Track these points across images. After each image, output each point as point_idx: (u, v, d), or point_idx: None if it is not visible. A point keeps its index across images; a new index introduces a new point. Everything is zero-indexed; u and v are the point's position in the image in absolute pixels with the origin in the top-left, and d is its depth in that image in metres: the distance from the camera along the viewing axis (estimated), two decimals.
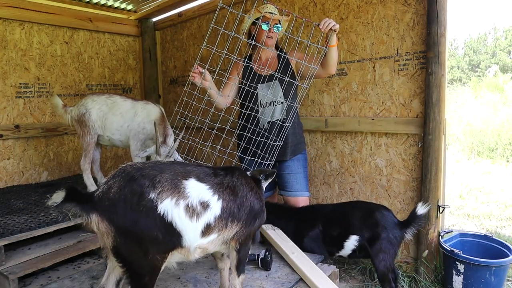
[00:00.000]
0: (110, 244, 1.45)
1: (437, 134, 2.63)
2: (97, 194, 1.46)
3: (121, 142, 3.08)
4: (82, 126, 3.06)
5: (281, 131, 2.53)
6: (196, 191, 1.53)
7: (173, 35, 4.54)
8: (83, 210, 1.41)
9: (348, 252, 2.45)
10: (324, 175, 3.29)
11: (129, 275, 1.50)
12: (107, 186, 1.46)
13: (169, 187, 1.48)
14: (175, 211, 1.46)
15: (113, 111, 3.02)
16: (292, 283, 2.13)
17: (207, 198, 1.55)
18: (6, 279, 2.23)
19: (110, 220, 1.42)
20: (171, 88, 4.67)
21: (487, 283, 2.41)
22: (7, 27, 3.64)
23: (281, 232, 2.63)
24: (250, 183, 1.77)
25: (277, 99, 2.59)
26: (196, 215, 1.51)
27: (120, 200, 1.42)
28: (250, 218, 1.71)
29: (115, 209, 1.41)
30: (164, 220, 1.45)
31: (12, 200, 3.13)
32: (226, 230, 1.64)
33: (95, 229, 1.44)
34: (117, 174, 1.50)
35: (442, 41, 2.57)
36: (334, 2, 3.09)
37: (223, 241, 1.68)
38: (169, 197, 1.46)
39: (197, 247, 1.58)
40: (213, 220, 1.56)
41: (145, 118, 2.95)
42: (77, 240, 2.69)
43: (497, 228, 3.90)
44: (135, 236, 1.43)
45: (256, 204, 1.75)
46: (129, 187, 1.44)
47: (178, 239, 1.50)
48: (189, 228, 1.50)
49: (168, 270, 2.30)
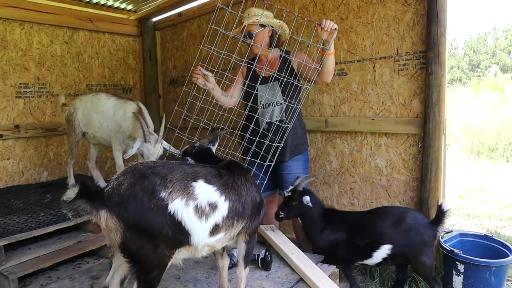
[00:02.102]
0: (119, 240, 1.46)
1: (437, 134, 2.62)
2: (107, 190, 1.47)
3: (104, 140, 3.11)
4: (69, 125, 3.17)
5: (279, 132, 2.53)
6: (204, 192, 1.57)
7: (173, 35, 4.54)
8: (92, 207, 1.41)
9: (377, 261, 2.39)
10: (324, 175, 3.29)
11: (136, 270, 1.51)
12: (118, 183, 1.47)
13: (179, 187, 1.50)
14: (184, 212, 1.49)
15: (95, 108, 3.05)
16: (292, 283, 2.13)
17: (215, 199, 1.60)
18: (6, 279, 2.23)
19: (119, 216, 1.43)
20: (171, 88, 4.67)
21: (487, 283, 2.41)
22: (7, 27, 3.64)
23: (280, 232, 2.64)
24: (248, 177, 1.82)
25: (276, 100, 2.60)
26: (205, 215, 1.55)
27: (130, 196, 1.43)
28: (254, 212, 1.79)
29: (125, 206, 1.42)
30: (174, 219, 1.47)
31: (12, 200, 3.13)
32: (233, 229, 1.70)
33: (103, 225, 1.45)
34: (127, 171, 1.52)
35: (442, 41, 2.57)
36: (334, 2, 3.09)
37: (230, 238, 1.75)
38: (179, 197, 1.49)
39: (205, 245, 1.63)
40: (221, 220, 1.62)
41: (121, 117, 2.94)
42: (77, 240, 2.69)
43: (497, 228, 3.90)
44: (145, 232, 1.45)
45: (257, 196, 1.82)
46: (140, 184, 1.46)
47: (187, 237, 1.53)
48: (198, 228, 1.54)
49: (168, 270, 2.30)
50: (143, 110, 2.95)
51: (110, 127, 2.99)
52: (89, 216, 1.46)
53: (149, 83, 4.69)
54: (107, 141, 3.10)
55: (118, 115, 2.96)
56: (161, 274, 1.57)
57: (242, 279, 1.87)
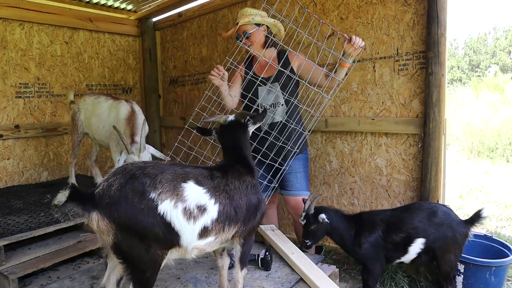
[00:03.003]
0: (111, 241, 1.46)
1: (437, 134, 2.62)
2: (98, 192, 1.47)
3: (103, 141, 3.14)
4: (73, 123, 3.25)
5: (282, 132, 2.53)
6: (193, 194, 1.55)
7: (173, 35, 4.54)
8: (84, 210, 1.42)
9: (413, 257, 2.32)
10: (324, 175, 3.29)
11: (130, 271, 1.52)
12: (108, 184, 1.47)
13: (168, 188, 1.50)
14: (173, 213, 1.48)
15: (94, 111, 3.09)
16: (292, 283, 2.13)
17: (204, 202, 1.57)
18: (6, 279, 2.23)
19: (110, 218, 1.43)
20: (171, 88, 4.67)
21: (487, 283, 2.41)
22: (7, 27, 3.64)
23: (280, 232, 2.64)
24: (244, 180, 1.76)
25: (278, 101, 2.60)
26: (193, 218, 1.53)
27: (121, 197, 1.43)
28: (248, 215, 1.73)
29: (116, 207, 1.43)
30: (164, 219, 1.47)
31: (12, 200, 3.13)
32: (224, 233, 1.66)
33: (95, 227, 1.45)
34: (117, 172, 1.51)
35: (442, 41, 2.57)
36: (334, 2, 3.09)
37: (221, 242, 1.71)
38: (168, 198, 1.48)
39: (194, 247, 1.61)
40: (210, 223, 1.59)
41: (115, 118, 2.95)
42: (77, 240, 2.69)
43: (497, 228, 3.90)
44: (137, 233, 1.45)
45: (252, 199, 1.76)
46: (130, 184, 1.46)
47: (177, 238, 1.53)
48: (186, 229, 1.52)
49: (168, 270, 2.30)
50: (136, 112, 2.94)
51: (106, 128, 3.01)
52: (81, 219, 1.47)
53: (149, 83, 4.69)
54: (106, 142, 3.12)
55: (112, 116, 2.98)
56: (156, 274, 1.56)
57: (239, 280, 1.86)
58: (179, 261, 1.71)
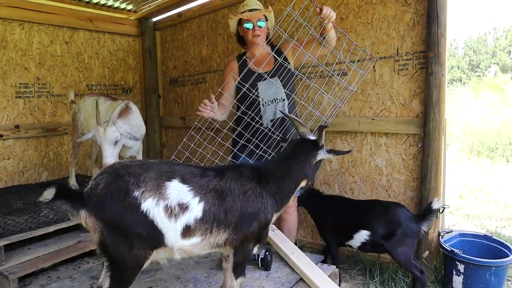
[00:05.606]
0: (97, 239, 1.50)
1: (437, 134, 2.63)
2: (86, 190, 1.51)
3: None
4: (73, 123, 3.24)
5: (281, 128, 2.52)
6: (176, 192, 1.54)
7: (173, 35, 4.54)
8: (73, 208, 1.46)
9: (358, 244, 2.60)
10: (324, 175, 3.29)
11: (111, 268, 1.53)
12: (95, 183, 1.51)
13: (152, 187, 1.51)
14: (156, 211, 1.50)
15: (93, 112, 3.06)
16: (292, 283, 2.13)
17: (186, 200, 1.54)
18: (6, 279, 2.23)
19: (97, 216, 1.47)
20: (171, 88, 4.67)
21: (487, 283, 2.41)
22: (7, 27, 3.64)
23: (280, 232, 2.64)
24: (245, 184, 1.68)
25: (279, 96, 2.56)
26: (174, 216, 1.52)
27: (107, 196, 1.47)
28: (242, 222, 1.64)
29: (102, 205, 1.46)
30: (147, 218, 1.49)
31: (12, 200, 3.13)
32: (212, 236, 1.61)
33: (83, 225, 1.50)
34: (105, 171, 1.55)
35: (442, 41, 2.57)
36: (334, 2, 3.09)
37: (211, 245, 1.65)
38: (151, 197, 1.50)
39: (179, 248, 1.59)
40: (194, 222, 1.55)
41: None
42: (77, 240, 2.69)
43: (497, 228, 3.90)
44: (120, 231, 1.48)
45: (251, 206, 1.66)
46: (116, 183, 1.49)
47: (161, 237, 1.54)
48: (169, 228, 1.53)
49: (168, 270, 2.30)
50: (133, 110, 2.94)
51: None
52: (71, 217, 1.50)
53: (149, 83, 4.69)
54: None
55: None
56: (135, 275, 1.57)
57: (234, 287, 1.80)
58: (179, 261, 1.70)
